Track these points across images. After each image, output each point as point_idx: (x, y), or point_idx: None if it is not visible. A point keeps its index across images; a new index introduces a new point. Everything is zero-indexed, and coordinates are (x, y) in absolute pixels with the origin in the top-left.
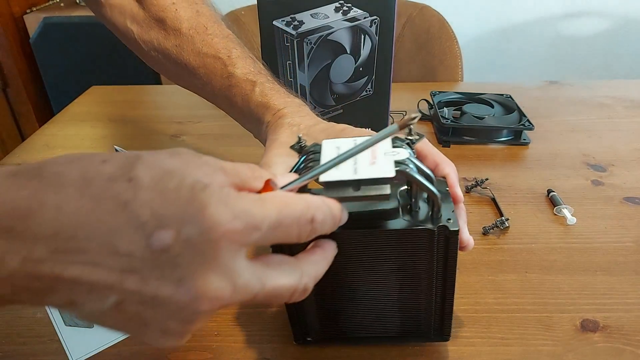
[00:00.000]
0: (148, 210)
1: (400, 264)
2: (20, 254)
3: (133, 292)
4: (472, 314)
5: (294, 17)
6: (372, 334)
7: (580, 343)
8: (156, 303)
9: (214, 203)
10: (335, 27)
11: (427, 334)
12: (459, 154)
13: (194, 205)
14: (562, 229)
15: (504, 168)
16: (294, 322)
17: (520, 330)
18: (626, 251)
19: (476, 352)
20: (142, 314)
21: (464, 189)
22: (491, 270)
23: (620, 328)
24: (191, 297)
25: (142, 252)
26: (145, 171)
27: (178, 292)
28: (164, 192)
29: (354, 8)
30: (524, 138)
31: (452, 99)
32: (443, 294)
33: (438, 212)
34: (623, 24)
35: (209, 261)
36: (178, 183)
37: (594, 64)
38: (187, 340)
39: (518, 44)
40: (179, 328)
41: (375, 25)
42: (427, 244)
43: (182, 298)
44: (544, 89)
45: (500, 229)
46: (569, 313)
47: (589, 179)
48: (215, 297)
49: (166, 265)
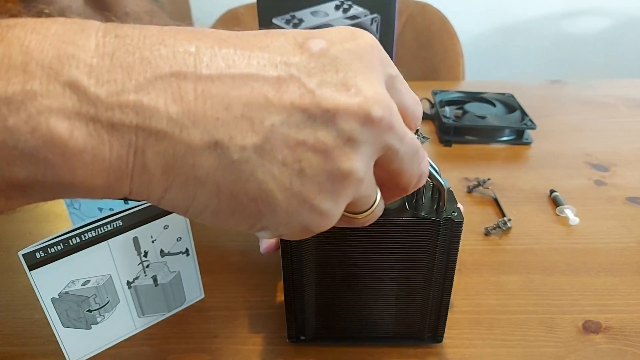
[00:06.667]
0: (295, 32)
1: (402, 256)
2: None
3: (292, 109)
4: (474, 315)
5: (294, 15)
6: (366, 334)
7: (582, 344)
8: (318, 118)
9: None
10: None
11: (421, 335)
12: (460, 153)
13: (353, 32)
14: (565, 230)
15: (505, 168)
16: (291, 318)
17: (522, 331)
18: (629, 252)
19: (478, 354)
20: (300, 150)
21: (466, 189)
22: (493, 271)
23: (622, 329)
24: (362, 99)
25: (298, 57)
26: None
27: (344, 96)
28: (324, 29)
29: (355, 6)
30: (526, 137)
31: (453, 98)
32: (442, 291)
33: (443, 206)
34: (626, 22)
35: (369, 67)
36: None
37: (597, 63)
38: (339, 214)
39: (520, 42)
40: (341, 164)
41: (375, 23)
42: (431, 236)
43: (351, 101)
44: (546, 88)
45: (502, 229)
46: (571, 314)
47: (592, 179)
48: (384, 100)
49: (326, 69)
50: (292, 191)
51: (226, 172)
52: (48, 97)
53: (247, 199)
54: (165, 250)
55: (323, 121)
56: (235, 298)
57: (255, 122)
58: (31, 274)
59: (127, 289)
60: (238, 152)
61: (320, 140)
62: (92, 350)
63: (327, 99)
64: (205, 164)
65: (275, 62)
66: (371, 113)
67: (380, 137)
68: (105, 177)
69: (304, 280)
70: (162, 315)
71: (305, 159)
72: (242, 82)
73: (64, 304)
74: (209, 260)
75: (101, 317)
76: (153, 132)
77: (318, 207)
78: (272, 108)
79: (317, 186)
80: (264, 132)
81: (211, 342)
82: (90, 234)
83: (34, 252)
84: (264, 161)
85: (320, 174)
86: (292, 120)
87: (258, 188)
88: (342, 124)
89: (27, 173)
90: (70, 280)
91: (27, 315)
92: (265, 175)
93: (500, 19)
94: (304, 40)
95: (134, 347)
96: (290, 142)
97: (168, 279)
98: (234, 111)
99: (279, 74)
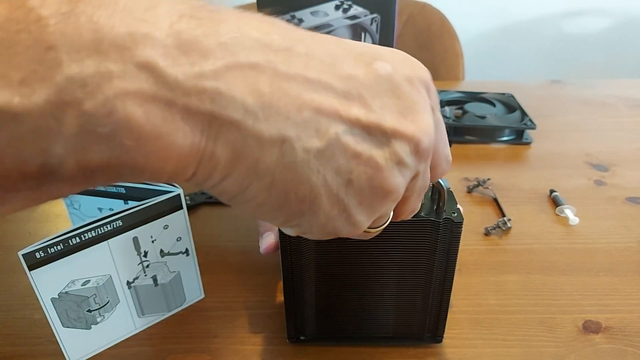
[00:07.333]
0: (362, 47)
1: (401, 258)
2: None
3: (356, 121)
4: (474, 315)
5: (294, 15)
6: (366, 334)
7: (582, 344)
8: (377, 136)
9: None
10: (335, 25)
11: (421, 335)
12: (460, 153)
13: (406, 58)
14: (565, 230)
15: (505, 168)
16: (291, 318)
17: (522, 331)
18: (629, 252)
19: (478, 354)
20: (354, 162)
21: (466, 189)
22: (493, 271)
23: (622, 329)
24: (418, 129)
25: (365, 76)
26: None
27: (402, 122)
28: (377, 46)
29: (355, 6)
30: (525, 137)
31: (453, 98)
32: (442, 291)
33: (443, 207)
34: (626, 22)
35: (424, 100)
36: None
37: (597, 63)
38: (366, 226)
39: (520, 42)
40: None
41: (375, 23)
42: (430, 236)
43: (407, 128)
44: (546, 88)
45: (502, 229)
46: (571, 314)
47: (592, 179)
48: (432, 133)
49: (389, 93)
50: (337, 198)
51: (286, 171)
52: (124, 79)
53: (295, 199)
54: (165, 250)
55: (380, 141)
56: (235, 298)
57: (322, 128)
58: (31, 274)
59: (127, 289)
60: (301, 154)
61: (374, 157)
62: (92, 350)
63: (388, 122)
64: (269, 160)
65: (345, 74)
66: (421, 144)
67: (419, 164)
68: (175, 163)
69: (304, 280)
70: (162, 315)
71: (357, 171)
72: (316, 86)
73: (64, 304)
74: (209, 260)
75: (101, 317)
76: (227, 121)
77: (354, 217)
78: (339, 118)
79: (359, 198)
80: (327, 138)
81: (211, 342)
82: (90, 234)
83: (34, 252)
84: (321, 166)
85: (365, 188)
86: (353, 133)
87: (309, 190)
88: (397, 147)
89: (101, 157)
90: (70, 280)
91: (27, 315)
92: (318, 180)
93: (500, 18)
94: (372, 60)
95: (134, 347)
96: (348, 153)
97: (168, 279)
98: (304, 113)
99: (349, 88)
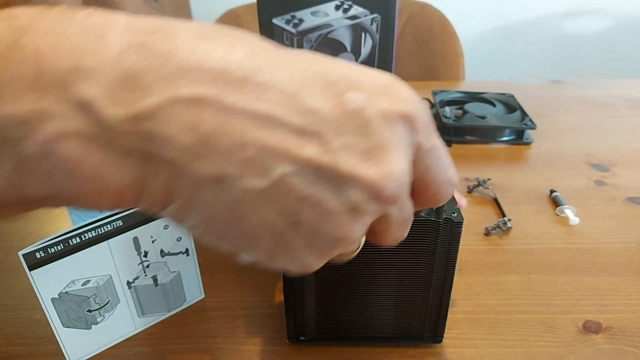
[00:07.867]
0: (339, 73)
1: (402, 258)
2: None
3: (307, 162)
4: (474, 315)
5: (294, 15)
6: (366, 334)
7: (582, 344)
8: (330, 180)
9: (412, 97)
10: (335, 25)
11: (421, 335)
12: (460, 153)
13: (390, 86)
14: (565, 230)
15: (506, 168)
16: (290, 318)
17: (523, 331)
18: (629, 252)
19: (478, 354)
20: (301, 204)
21: (466, 189)
22: (493, 271)
23: (622, 329)
24: (380, 174)
25: (330, 110)
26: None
27: (362, 166)
28: (359, 70)
29: (355, 6)
30: (526, 138)
31: (453, 98)
32: (442, 291)
33: (443, 207)
34: (626, 22)
35: (399, 138)
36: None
37: (597, 63)
38: (318, 267)
39: (520, 42)
40: (337, 230)
41: (376, 23)
42: (430, 237)
43: (366, 173)
44: (546, 88)
45: (502, 229)
46: (571, 314)
47: (592, 179)
48: (399, 178)
49: (355, 131)
50: (281, 239)
51: (225, 208)
52: (63, 120)
53: (237, 234)
54: (165, 250)
55: (333, 185)
56: (235, 298)
57: (267, 168)
58: (31, 274)
59: (127, 289)
60: (240, 193)
61: (324, 202)
62: (92, 350)
63: (344, 164)
64: (205, 197)
65: (305, 108)
66: (383, 191)
67: (383, 208)
68: (114, 198)
69: (304, 281)
70: (162, 315)
71: (304, 213)
72: (264, 122)
73: (64, 304)
74: (209, 260)
75: (101, 317)
76: (162, 160)
77: (301, 260)
78: (288, 159)
79: (306, 242)
80: (272, 179)
81: (211, 342)
82: (90, 234)
83: (34, 252)
84: (263, 206)
85: (313, 232)
86: (303, 174)
87: (248, 229)
88: (351, 193)
89: (39, 191)
90: (70, 280)
91: (27, 315)
92: (260, 219)
93: (500, 19)
94: (344, 91)
95: (134, 347)
96: (294, 194)
97: (168, 279)
98: (248, 152)
99: (306, 124)
